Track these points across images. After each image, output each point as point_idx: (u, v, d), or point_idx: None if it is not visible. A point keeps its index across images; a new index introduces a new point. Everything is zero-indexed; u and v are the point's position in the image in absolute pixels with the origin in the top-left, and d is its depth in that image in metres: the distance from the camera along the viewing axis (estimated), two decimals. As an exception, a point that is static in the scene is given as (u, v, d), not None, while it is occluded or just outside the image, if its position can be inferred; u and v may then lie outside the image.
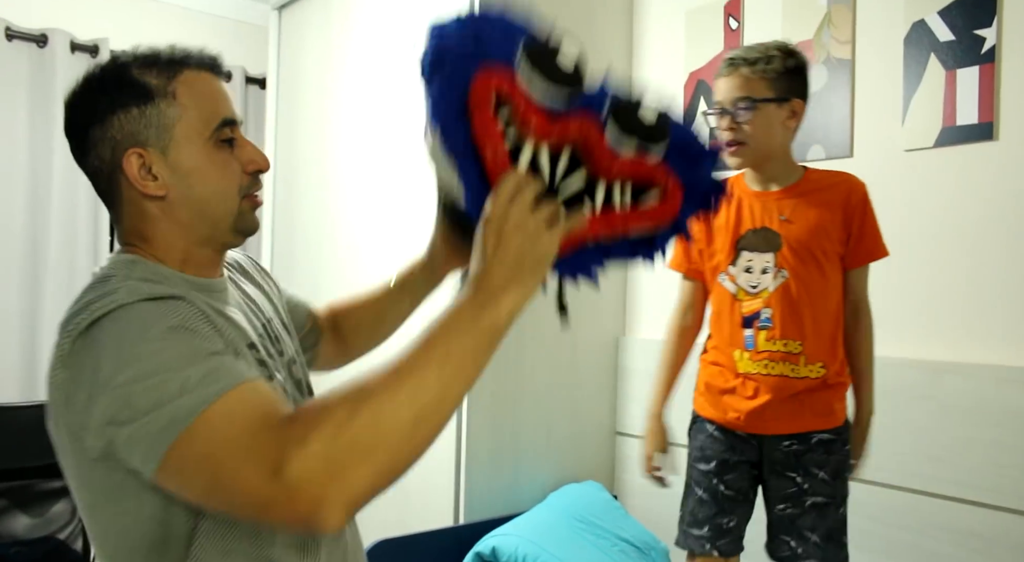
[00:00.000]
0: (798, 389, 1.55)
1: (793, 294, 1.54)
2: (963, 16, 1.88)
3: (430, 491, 2.28)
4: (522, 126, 0.81)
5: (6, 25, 2.92)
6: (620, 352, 2.58)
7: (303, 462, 0.66)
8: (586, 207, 0.85)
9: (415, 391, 0.70)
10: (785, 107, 1.56)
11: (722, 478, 1.64)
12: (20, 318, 2.95)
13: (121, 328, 0.76)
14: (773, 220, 1.58)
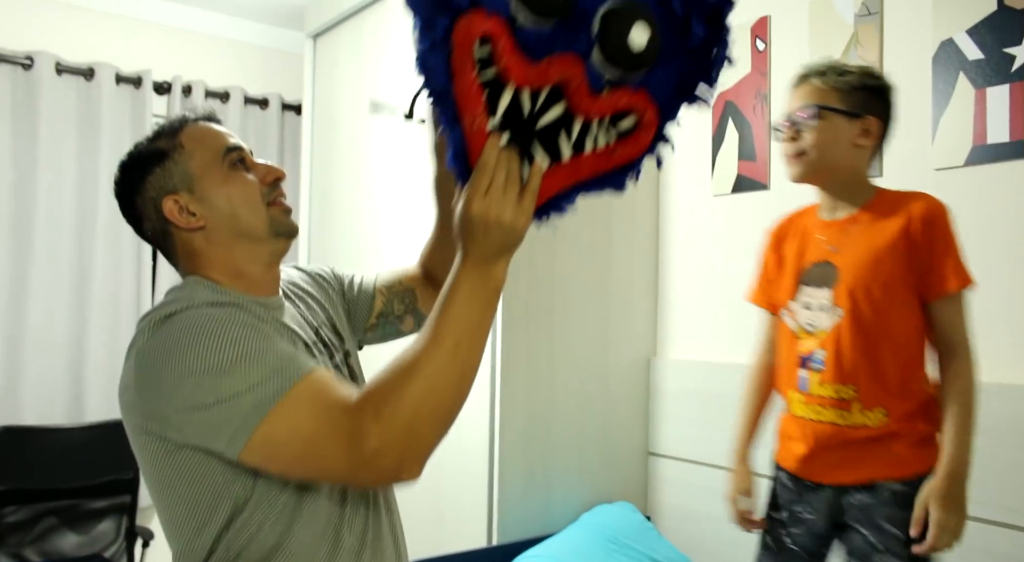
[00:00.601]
0: (851, 438, 1.42)
1: (848, 335, 1.41)
2: (992, 34, 1.87)
3: (464, 512, 2.30)
4: (502, 72, 0.82)
5: (56, 60, 3.04)
6: (652, 373, 2.59)
7: (380, 435, 0.84)
8: (562, 141, 0.86)
9: (453, 354, 0.87)
10: (857, 123, 1.45)
11: (788, 530, 1.52)
12: (67, 345, 3.05)
13: (196, 323, 0.91)
14: (832, 252, 1.48)
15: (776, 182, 2.31)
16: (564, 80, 0.84)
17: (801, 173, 1.50)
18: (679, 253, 2.58)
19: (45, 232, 3.00)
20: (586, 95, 0.85)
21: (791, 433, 1.52)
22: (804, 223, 1.57)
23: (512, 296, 2.27)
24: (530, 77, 0.83)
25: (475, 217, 0.85)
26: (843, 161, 1.47)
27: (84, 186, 3.10)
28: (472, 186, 0.85)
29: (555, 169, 0.88)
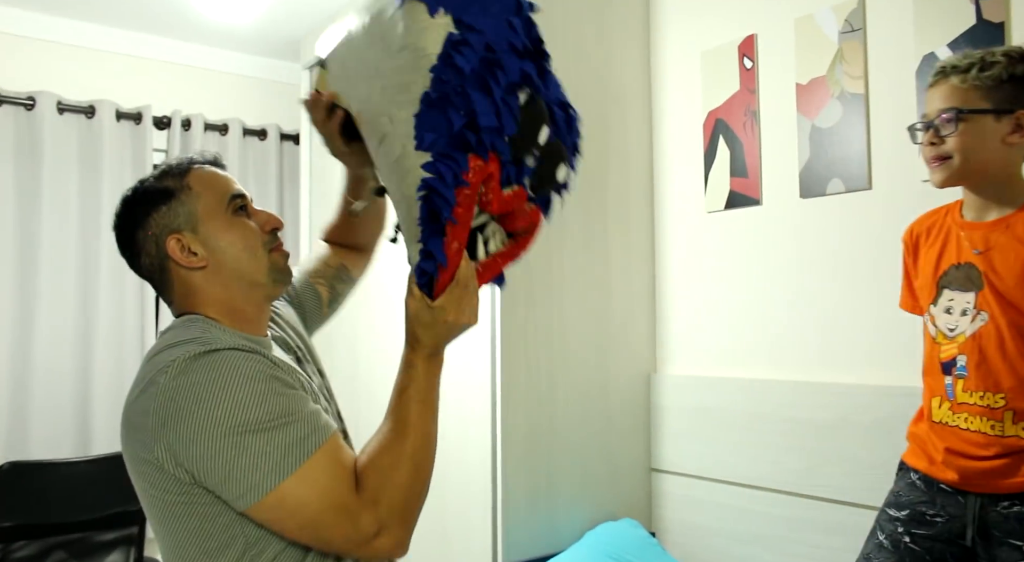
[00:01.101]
0: (1005, 447, 1.32)
1: (992, 340, 1.32)
2: (972, 47, 1.90)
3: (468, 533, 2.31)
4: (484, 206, 0.97)
5: (57, 99, 3.09)
6: (652, 389, 2.60)
7: (379, 520, 0.95)
8: (479, 244, 1.03)
9: (426, 437, 1.01)
10: (1006, 120, 1.32)
11: (909, 530, 1.43)
12: (72, 380, 3.08)
13: (226, 372, 0.94)
14: (976, 254, 1.38)
15: (768, 198, 2.34)
16: (515, 207, 1.01)
17: (944, 179, 1.39)
18: (675, 269, 2.61)
19: (49, 268, 3.04)
20: (521, 215, 1.03)
21: (931, 438, 1.43)
22: (946, 223, 1.46)
23: (511, 316, 2.29)
24: (502, 208, 0.99)
25: (449, 323, 1.00)
26: (993, 162, 1.35)
27: (87, 222, 3.14)
28: (449, 297, 0.99)
29: (482, 268, 1.04)
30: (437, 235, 0.95)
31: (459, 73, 0.90)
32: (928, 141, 1.39)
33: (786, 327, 2.27)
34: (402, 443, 0.98)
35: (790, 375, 2.26)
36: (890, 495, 1.52)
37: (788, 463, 2.18)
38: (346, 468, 0.96)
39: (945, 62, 1.40)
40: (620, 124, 2.63)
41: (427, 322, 1.00)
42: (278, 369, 0.99)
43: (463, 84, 0.91)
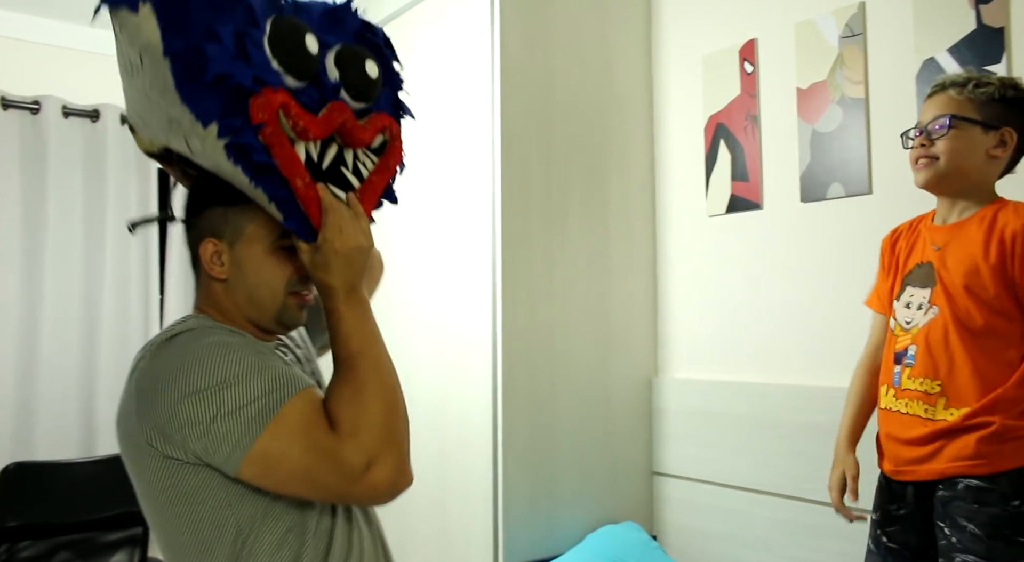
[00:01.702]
0: (932, 431, 1.41)
1: (938, 331, 1.42)
2: (972, 52, 1.91)
3: (469, 536, 2.32)
4: (302, 132, 0.97)
5: (62, 103, 3.12)
6: (654, 392, 2.61)
7: (364, 449, 0.93)
8: (347, 173, 1.04)
9: (375, 361, 1.00)
10: (993, 135, 1.44)
11: (884, 529, 1.52)
12: (78, 381, 3.10)
13: (197, 343, 0.97)
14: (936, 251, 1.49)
15: (769, 202, 2.34)
16: (342, 121, 1.01)
17: (928, 178, 1.49)
18: (677, 273, 2.62)
19: (54, 271, 3.06)
20: (359, 128, 1.03)
21: (880, 427, 1.55)
22: (919, 228, 1.58)
23: (512, 319, 2.30)
24: (323, 128, 0.99)
25: (339, 252, 1.00)
26: (974, 171, 1.46)
27: (92, 225, 3.16)
28: (328, 228, 1.00)
29: (360, 192, 1.05)
30: (278, 184, 0.96)
31: (176, 37, 0.91)
32: (919, 144, 1.49)
33: (787, 331, 2.27)
34: (356, 373, 0.98)
35: (792, 379, 2.26)
36: (874, 499, 1.60)
37: (790, 467, 2.19)
38: (320, 413, 0.95)
39: (944, 77, 1.51)
40: (621, 128, 2.64)
41: (321, 263, 1.00)
42: (259, 344, 1.01)
43: (192, 44, 0.91)
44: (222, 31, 0.91)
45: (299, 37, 0.97)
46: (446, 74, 2.55)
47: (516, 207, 2.34)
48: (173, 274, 3.34)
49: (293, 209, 0.98)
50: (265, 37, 0.95)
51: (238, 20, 0.93)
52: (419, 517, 2.54)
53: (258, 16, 0.95)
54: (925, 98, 1.54)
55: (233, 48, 0.92)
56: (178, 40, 0.90)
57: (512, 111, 2.35)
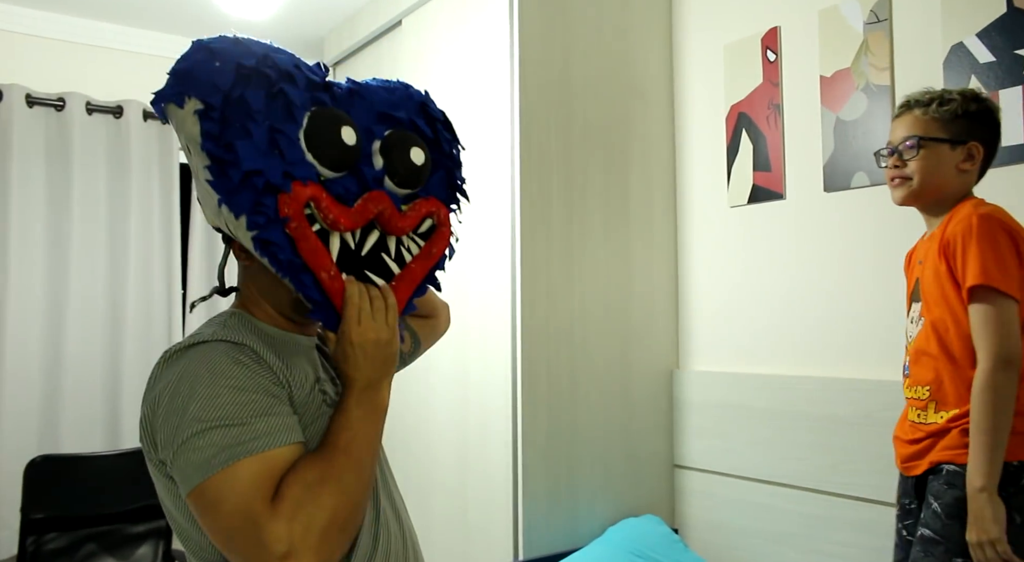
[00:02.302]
0: (925, 432, 1.52)
1: (922, 341, 1.53)
2: (1002, 36, 1.87)
3: (490, 528, 2.32)
4: (332, 224, 0.97)
5: (86, 100, 3.15)
6: (675, 385, 2.59)
7: (292, 540, 0.86)
8: (387, 260, 1.03)
9: (359, 469, 0.95)
10: (960, 149, 1.53)
11: (903, 522, 1.61)
12: (103, 375, 3.14)
13: (194, 364, 0.94)
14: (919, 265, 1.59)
15: (792, 192, 2.31)
16: (379, 211, 1.00)
17: (903, 196, 1.58)
18: (698, 264, 2.59)
19: (79, 266, 3.10)
20: (398, 216, 1.02)
21: (894, 433, 1.65)
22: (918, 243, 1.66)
23: (531, 311, 2.29)
24: (356, 220, 0.98)
25: (355, 344, 0.97)
26: (947, 185, 1.54)
27: (115, 220, 3.19)
28: (346, 320, 0.98)
29: (396, 281, 1.04)
30: (303, 276, 0.96)
31: (212, 136, 0.92)
32: (892, 164, 1.58)
33: (810, 323, 2.24)
34: (330, 465, 0.92)
35: (814, 371, 2.23)
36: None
37: (813, 460, 2.16)
38: (272, 481, 0.90)
39: (908, 97, 1.61)
40: (642, 119, 2.61)
41: (340, 354, 0.99)
42: (256, 369, 0.96)
43: (227, 140, 0.92)
44: (254, 128, 0.93)
45: (334, 131, 0.97)
46: (465, 64, 2.54)
47: (536, 198, 2.33)
48: (195, 268, 3.37)
49: (319, 300, 0.98)
50: (301, 131, 0.96)
51: (276, 115, 0.94)
52: (439, 509, 2.54)
53: (296, 110, 0.96)
54: (893, 117, 1.63)
55: (265, 144, 0.93)
56: (213, 137, 0.93)
57: (532, 101, 2.34)
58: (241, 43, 0.97)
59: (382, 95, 1.07)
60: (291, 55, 1.01)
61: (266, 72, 0.95)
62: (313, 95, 0.99)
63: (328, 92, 1.01)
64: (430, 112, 1.10)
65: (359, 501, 0.94)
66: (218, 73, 0.93)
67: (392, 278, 1.04)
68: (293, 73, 0.97)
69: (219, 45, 0.96)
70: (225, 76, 0.93)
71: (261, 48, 0.97)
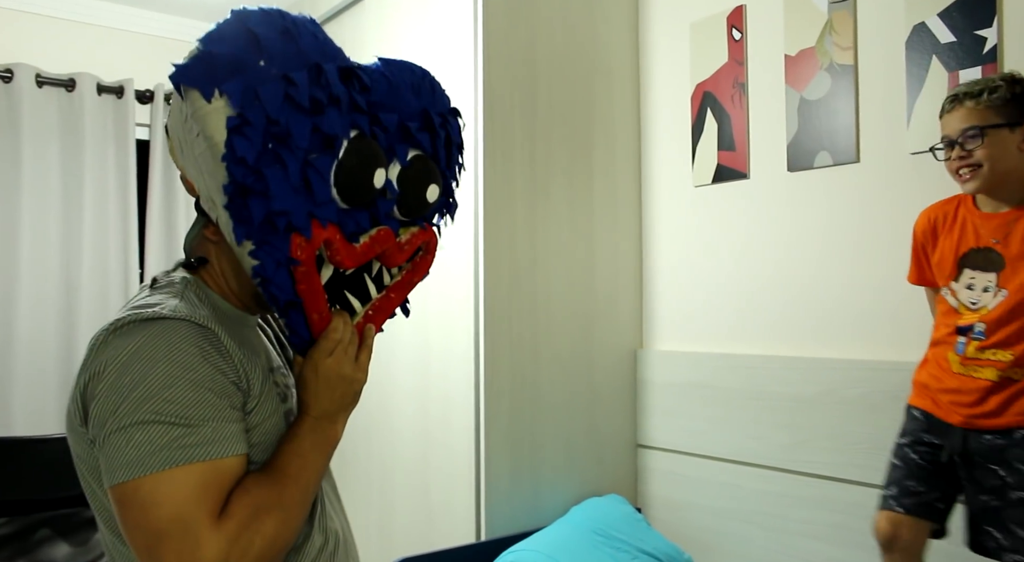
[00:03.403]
0: (1001, 391, 1.61)
1: (1009, 310, 1.60)
2: (963, 17, 1.88)
3: (452, 508, 2.31)
4: (339, 264, 0.93)
5: (36, 71, 3.04)
6: (639, 364, 2.59)
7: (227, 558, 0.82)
8: (368, 283, 1.00)
9: (303, 497, 0.93)
10: (1018, 132, 1.60)
11: (915, 448, 1.72)
12: (56, 356, 3.06)
13: (151, 342, 0.86)
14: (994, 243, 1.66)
15: (756, 171, 2.31)
16: (384, 250, 0.97)
17: (978, 185, 1.63)
18: (663, 244, 2.59)
19: (31, 243, 3.01)
20: (396, 252, 0.99)
21: (934, 386, 1.71)
22: (960, 213, 1.71)
23: (494, 291, 2.27)
24: (359, 260, 0.95)
25: (320, 375, 0.95)
26: (1014, 167, 1.61)
27: (69, 195, 3.10)
28: (319, 349, 0.95)
29: (374, 310, 1.01)
30: (294, 313, 0.93)
31: (242, 160, 0.84)
32: (957, 156, 1.63)
33: (773, 302, 2.25)
34: (281, 492, 0.89)
35: (777, 350, 2.24)
36: (900, 431, 1.77)
37: (775, 438, 2.18)
38: (220, 492, 0.85)
39: (956, 90, 1.66)
40: (607, 97, 2.59)
41: (302, 379, 0.97)
42: (220, 364, 0.89)
43: (256, 167, 0.84)
44: (290, 161, 0.85)
45: (368, 173, 0.91)
46: (428, 41, 2.49)
47: (499, 177, 2.30)
48: (153, 247, 3.29)
49: (302, 331, 0.95)
50: (336, 163, 0.88)
51: (314, 144, 0.86)
52: (401, 489, 2.52)
53: (338, 140, 0.88)
54: (942, 113, 1.67)
55: (298, 180, 0.86)
56: (243, 161, 0.84)
57: (495, 79, 2.30)
58: (292, 39, 0.86)
59: (412, 104, 0.98)
60: (337, 54, 0.92)
61: (317, 96, 0.86)
62: (354, 118, 0.91)
63: (369, 114, 0.93)
64: (451, 129, 1.04)
65: (297, 527, 0.92)
66: (263, 79, 0.84)
67: (369, 300, 1.00)
68: (340, 96, 0.88)
69: (266, 34, 0.85)
70: (272, 91, 0.83)
71: (312, 49, 0.88)
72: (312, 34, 0.90)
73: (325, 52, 0.90)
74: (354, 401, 1.00)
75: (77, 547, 2.61)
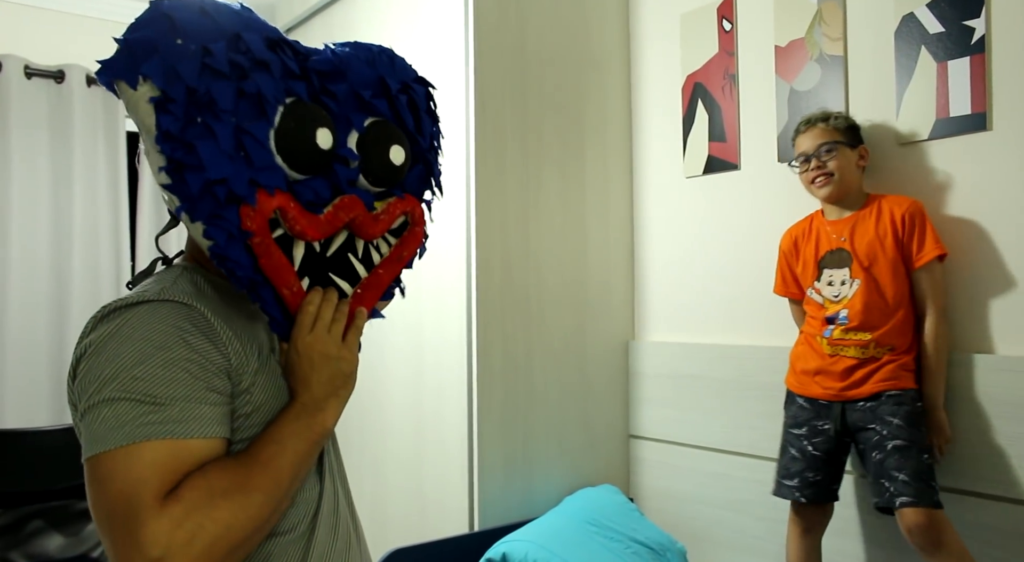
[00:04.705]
0: (865, 366, 1.88)
1: (862, 296, 1.89)
2: (952, 7, 1.89)
3: (445, 499, 2.32)
4: (299, 235, 0.89)
5: (25, 63, 3.02)
6: (631, 355, 2.60)
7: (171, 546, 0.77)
8: (354, 262, 0.96)
9: (274, 490, 0.86)
10: (857, 150, 1.95)
11: (811, 440, 1.95)
12: (47, 348, 3.05)
13: (131, 324, 0.84)
14: (842, 241, 1.95)
15: (746, 162, 2.32)
16: (351, 219, 0.93)
17: (831, 192, 1.94)
18: (654, 235, 2.59)
19: (21, 235, 2.99)
20: (370, 222, 0.95)
21: (810, 368, 1.98)
22: (813, 226, 2.03)
23: (487, 282, 2.28)
24: (324, 230, 0.90)
25: (302, 353, 0.90)
26: (855, 178, 1.96)
27: (59, 187, 3.08)
28: (297, 326, 0.91)
29: (362, 288, 0.97)
30: (263, 291, 0.89)
31: (170, 135, 0.82)
32: (815, 167, 1.95)
33: (764, 293, 2.26)
34: (246, 477, 0.84)
35: (768, 341, 2.26)
36: (788, 418, 2.03)
37: (767, 429, 2.19)
38: (174, 474, 0.80)
39: (807, 116, 2.01)
40: (599, 88, 2.59)
41: (286, 364, 0.92)
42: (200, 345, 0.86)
43: (187, 140, 0.83)
44: (219, 128, 0.83)
45: (309, 133, 0.88)
46: (420, 31, 2.49)
47: (491, 168, 2.30)
48: (144, 239, 3.28)
49: (276, 311, 0.91)
50: (272, 130, 0.86)
51: (245, 111, 0.85)
52: (395, 479, 2.53)
53: (268, 105, 0.86)
54: (795, 135, 2.01)
55: (231, 147, 0.84)
56: (171, 136, 0.82)
57: (487, 70, 2.30)
58: (209, 14, 0.85)
59: (364, 73, 0.96)
60: (264, 28, 0.90)
61: (238, 61, 0.84)
62: (288, 85, 0.88)
63: (305, 79, 0.91)
64: (414, 94, 1.01)
65: (261, 526, 0.84)
66: (180, 55, 0.83)
67: (358, 281, 0.97)
68: (268, 59, 0.87)
69: (182, 15, 0.84)
70: (189, 63, 0.82)
71: (233, 23, 0.86)
72: (234, 12, 0.88)
73: (250, 26, 0.88)
74: (345, 385, 0.94)
75: (70, 538, 2.62)
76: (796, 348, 2.05)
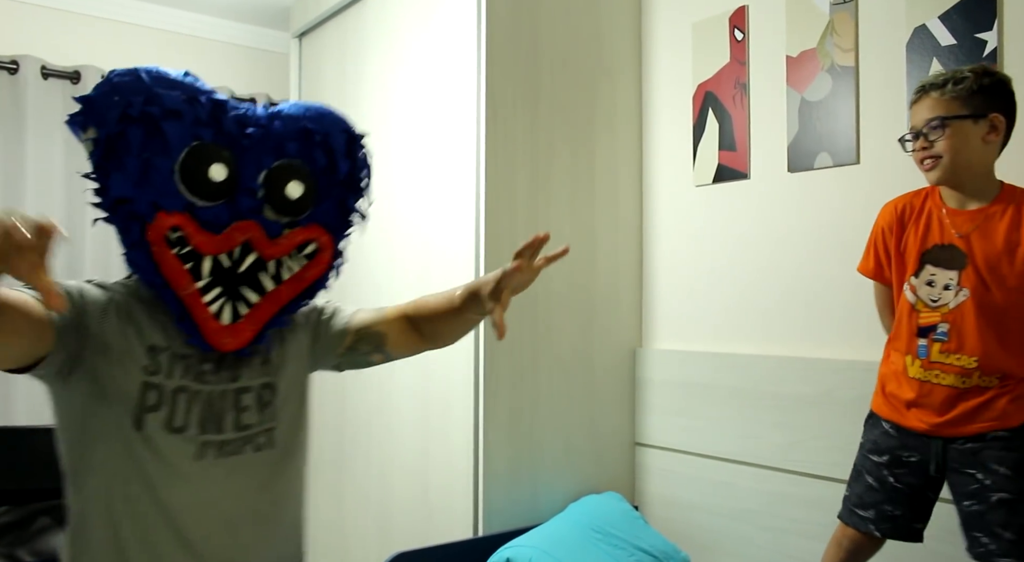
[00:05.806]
0: (967, 399, 1.59)
1: (973, 313, 1.57)
2: (964, 19, 1.88)
3: (450, 504, 2.32)
4: (197, 248, 1.11)
5: (41, 63, 3.05)
6: (637, 363, 2.60)
7: None
8: (262, 278, 1.16)
9: None
10: (982, 123, 1.58)
11: (892, 471, 1.69)
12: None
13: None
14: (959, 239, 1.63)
15: (756, 172, 2.32)
16: (248, 239, 1.14)
17: (939, 176, 1.61)
18: (663, 244, 2.60)
19: None
20: (268, 243, 1.16)
21: (901, 391, 1.68)
22: (927, 206, 1.68)
23: (495, 289, 2.28)
24: (220, 246, 1.12)
25: None
26: (976, 159, 1.59)
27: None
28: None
29: (263, 301, 1.17)
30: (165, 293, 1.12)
31: (96, 166, 1.09)
32: (920, 147, 1.62)
33: (772, 302, 2.26)
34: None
35: (775, 350, 2.25)
36: (868, 442, 1.75)
37: (772, 438, 2.19)
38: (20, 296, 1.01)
39: (923, 81, 1.64)
40: (609, 96, 2.60)
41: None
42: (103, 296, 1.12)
43: (107, 169, 1.09)
44: (129, 161, 1.07)
45: (204, 168, 1.11)
46: (432, 38, 2.50)
47: (501, 173, 2.31)
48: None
49: (178, 314, 1.12)
50: (176, 164, 1.10)
51: (154, 149, 1.09)
52: (400, 485, 2.53)
53: (172, 146, 1.10)
54: (911, 104, 1.67)
55: (137, 175, 1.08)
56: (96, 166, 1.09)
57: (498, 77, 2.31)
58: (142, 80, 1.09)
59: (290, 124, 1.19)
60: (190, 88, 1.12)
61: (149, 112, 1.08)
62: (195, 131, 1.11)
63: (215, 127, 1.13)
64: (331, 140, 1.21)
65: None
66: (111, 108, 1.07)
67: (265, 293, 1.17)
68: (181, 110, 1.10)
69: (122, 80, 1.08)
70: (113, 112, 1.07)
71: (161, 84, 1.10)
72: (167, 77, 1.12)
73: (174, 86, 1.11)
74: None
75: (76, 537, 2.62)
76: (884, 366, 1.75)
